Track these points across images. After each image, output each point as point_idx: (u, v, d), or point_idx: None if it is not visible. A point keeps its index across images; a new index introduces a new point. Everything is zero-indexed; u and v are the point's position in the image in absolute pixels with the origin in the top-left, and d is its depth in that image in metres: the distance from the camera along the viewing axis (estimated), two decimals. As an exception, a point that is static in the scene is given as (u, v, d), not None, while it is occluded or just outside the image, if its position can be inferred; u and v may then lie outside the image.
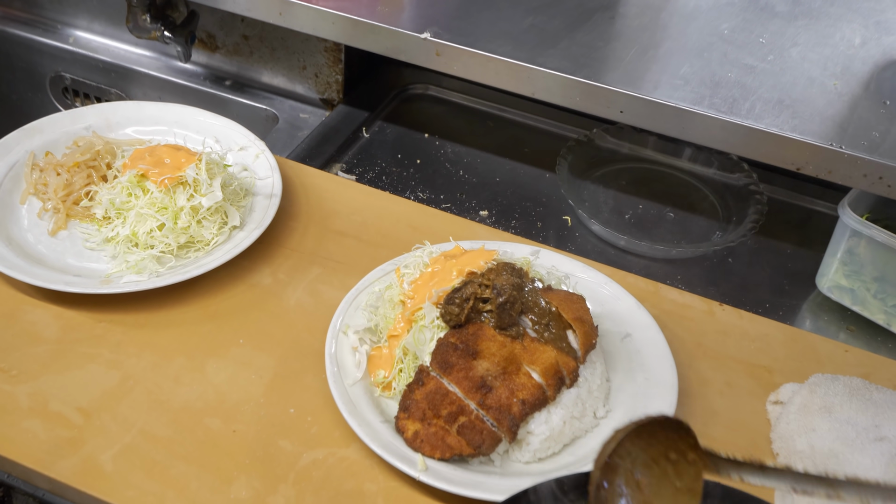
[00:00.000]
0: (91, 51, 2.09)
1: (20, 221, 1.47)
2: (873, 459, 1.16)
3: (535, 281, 1.31)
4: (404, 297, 1.30)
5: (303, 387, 1.29)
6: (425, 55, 1.56)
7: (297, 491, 1.16)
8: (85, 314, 1.36)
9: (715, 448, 1.23)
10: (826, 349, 1.42)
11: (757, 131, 1.42)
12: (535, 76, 1.50)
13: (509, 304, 1.24)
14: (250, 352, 1.33)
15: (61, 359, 1.29)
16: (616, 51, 1.56)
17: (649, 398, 1.26)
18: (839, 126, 1.43)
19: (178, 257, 1.41)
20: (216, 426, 1.23)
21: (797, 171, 1.43)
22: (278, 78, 1.97)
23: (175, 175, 1.40)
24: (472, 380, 1.20)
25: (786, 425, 1.26)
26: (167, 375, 1.29)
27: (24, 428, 1.20)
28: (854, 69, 1.55)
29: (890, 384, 1.34)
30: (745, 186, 1.72)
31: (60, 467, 1.17)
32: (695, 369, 1.37)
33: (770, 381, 1.36)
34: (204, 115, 1.64)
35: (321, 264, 1.47)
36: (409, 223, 1.56)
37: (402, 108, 1.95)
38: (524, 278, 1.29)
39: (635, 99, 1.46)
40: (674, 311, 1.45)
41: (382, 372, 1.27)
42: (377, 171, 1.77)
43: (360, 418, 1.20)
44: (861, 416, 1.24)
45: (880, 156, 1.37)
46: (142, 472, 1.17)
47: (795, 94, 1.49)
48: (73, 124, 1.61)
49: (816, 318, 1.57)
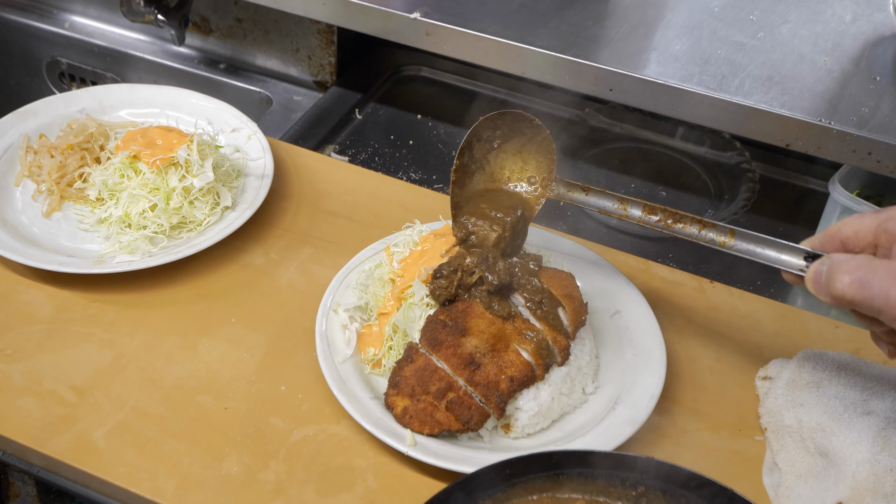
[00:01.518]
0: (87, 35, 2.10)
1: (14, 203, 1.48)
2: (860, 433, 1.17)
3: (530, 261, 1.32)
4: (394, 275, 1.31)
5: (294, 364, 1.30)
6: (415, 35, 1.56)
7: (287, 466, 1.17)
8: (78, 294, 1.37)
9: (705, 425, 1.25)
10: (816, 325, 1.43)
11: (746, 108, 1.42)
12: (524, 55, 1.51)
13: (504, 288, 1.25)
14: (242, 330, 1.34)
15: (55, 338, 1.31)
16: (606, 29, 1.56)
17: (638, 374, 1.27)
18: (828, 102, 1.43)
19: (171, 238, 1.42)
20: (208, 403, 1.24)
21: (786, 147, 1.43)
22: (272, 60, 1.97)
23: (167, 156, 1.41)
24: (460, 356, 1.20)
25: (774, 400, 1.27)
26: (160, 354, 1.30)
27: (18, 406, 1.22)
28: (844, 45, 1.55)
29: (879, 359, 1.35)
30: (738, 165, 1.72)
31: (54, 444, 1.18)
32: (685, 345, 1.37)
33: (760, 357, 1.37)
34: (196, 97, 1.65)
35: (313, 244, 1.48)
36: (400, 203, 1.57)
37: (394, 89, 1.96)
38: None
39: (625, 77, 1.47)
40: (664, 288, 1.46)
41: (372, 349, 1.28)
42: (370, 153, 1.78)
43: (350, 395, 1.21)
44: (849, 391, 1.24)
45: (869, 131, 1.37)
46: (134, 448, 1.18)
47: (785, 71, 1.49)
48: (67, 107, 1.62)
49: (808, 295, 1.56)
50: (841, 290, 0.98)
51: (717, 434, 1.26)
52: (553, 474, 1.01)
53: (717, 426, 1.27)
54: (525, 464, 1.00)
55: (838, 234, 1.06)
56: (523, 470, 0.99)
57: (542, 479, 1.00)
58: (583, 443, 1.19)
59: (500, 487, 0.99)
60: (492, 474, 0.98)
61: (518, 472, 0.99)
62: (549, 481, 1.00)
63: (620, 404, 1.23)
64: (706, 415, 1.28)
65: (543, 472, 1.00)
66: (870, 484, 1.12)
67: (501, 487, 0.99)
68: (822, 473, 1.17)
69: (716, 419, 1.28)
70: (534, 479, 1.00)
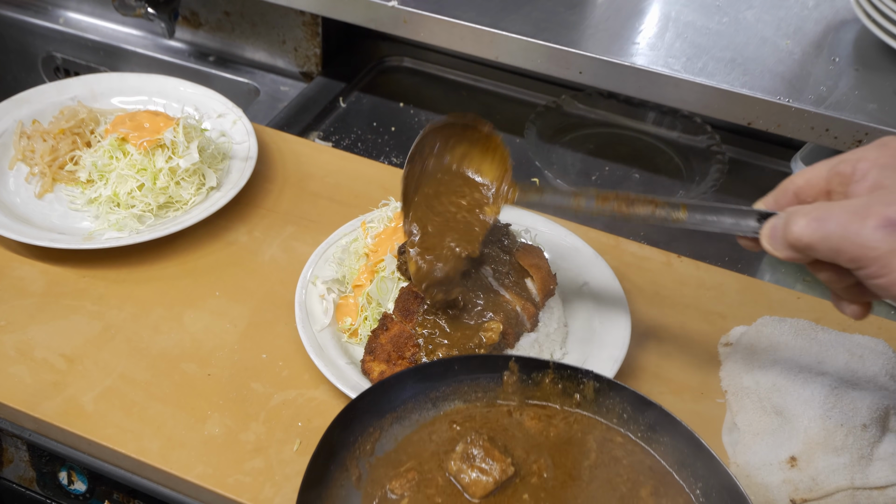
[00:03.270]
0: (81, 31, 2.16)
1: (8, 185, 1.55)
2: (813, 392, 1.22)
3: (503, 236, 1.37)
4: (368, 250, 1.37)
5: (275, 334, 1.36)
6: (393, 23, 1.63)
7: (267, 428, 1.23)
8: (69, 270, 1.43)
9: (668, 389, 1.30)
10: (779, 296, 1.48)
11: (709, 88, 1.48)
12: (497, 40, 1.57)
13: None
14: (226, 303, 1.40)
15: (47, 310, 1.37)
16: (576, 15, 1.62)
17: (603, 340, 1.33)
18: (788, 82, 1.49)
19: (158, 216, 1.48)
20: (192, 370, 1.30)
21: (748, 125, 1.49)
22: (259, 53, 2.04)
23: (154, 138, 1.47)
24: (433, 324, 1.26)
25: (733, 364, 1.32)
26: (146, 325, 1.36)
27: (10, 373, 1.28)
28: (806, 29, 1.61)
29: (839, 328, 1.40)
30: (708, 148, 1.78)
31: (45, 408, 1.24)
32: (651, 315, 1.43)
33: (723, 326, 1.42)
34: (184, 84, 1.72)
35: (295, 223, 1.54)
36: (380, 184, 1.63)
37: (378, 79, 2.02)
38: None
39: (593, 60, 1.53)
40: (633, 262, 1.52)
41: (349, 319, 1.34)
42: (353, 139, 1.84)
43: (327, 361, 1.27)
44: (804, 354, 1.30)
45: (826, 108, 1.43)
46: (121, 411, 1.24)
47: (748, 53, 1.55)
48: (60, 95, 1.68)
49: (775, 270, 1.63)
50: (797, 233, 0.94)
51: (680, 397, 1.31)
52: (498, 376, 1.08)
53: (679, 390, 1.32)
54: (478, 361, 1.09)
55: (790, 187, 1.04)
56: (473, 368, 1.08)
57: (488, 381, 1.08)
58: (549, 403, 1.24)
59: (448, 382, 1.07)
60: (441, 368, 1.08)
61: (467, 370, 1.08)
62: (493, 383, 1.08)
63: (586, 367, 1.29)
64: (670, 379, 1.33)
65: (490, 373, 1.08)
66: (821, 439, 1.18)
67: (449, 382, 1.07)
68: (777, 430, 1.22)
69: (679, 383, 1.33)
70: (480, 378, 1.08)
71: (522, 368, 1.08)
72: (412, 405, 1.05)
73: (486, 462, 1.01)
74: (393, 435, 1.04)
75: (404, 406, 1.05)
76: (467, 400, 1.08)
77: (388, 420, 1.04)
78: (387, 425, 1.04)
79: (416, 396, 1.05)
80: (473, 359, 1.10)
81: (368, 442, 1.03)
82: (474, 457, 1.01)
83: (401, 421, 1.05)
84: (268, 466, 1.18)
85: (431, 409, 1.07)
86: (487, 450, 1.01)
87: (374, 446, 1.04)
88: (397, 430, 1.05)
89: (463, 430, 1.04)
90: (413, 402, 1.05)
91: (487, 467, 1.00)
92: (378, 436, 1.03)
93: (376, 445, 1.04)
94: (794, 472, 1.17)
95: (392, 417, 1.04)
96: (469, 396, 1.08)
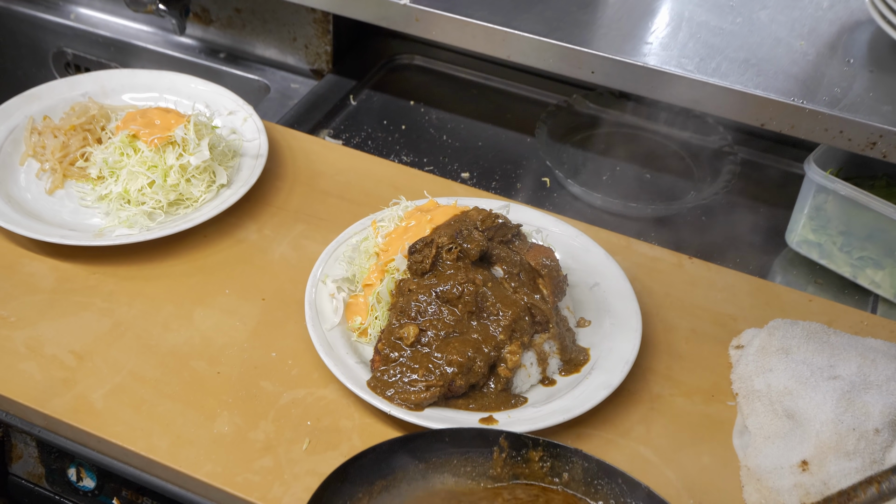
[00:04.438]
0: (92, 26, 2.16)
1: (19, 181, 1.55)
2: (825, 395, 1.21)
3: (513, 236, 1.36)
4: (378, 249, 1.37)
5: (284, 333, 1.35)
6: (405, 21, 1.62)
7: (276, 427, 1.23)
8: (79, 266, 1.43)
9: (678, 391, 1.29)
10: (790, 298, 1.47)
11: (722, 88, 1.47)
12: (509, 39, 1.56)
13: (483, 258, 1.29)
14: (235, 301, 1.40)
15: (57, 307, 1.37)
16: (588, 14, 1.61)
17: (614, 341, 1.32)
18: (802, 83, 1.48)
19: (168, 213, 1.48)
20: (201, 368, 1.30)
21: (761, 126, 1.48)
22: (270, 50, 2.03)
23: (165, 135, 1.47)
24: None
25: (745, 366, 1.32)
26: (156, 322, 1.36)
27: (21, 369, 1.28)
28: (821, 30, 1.60)
29: (851, 331, 1.40)
30: (720, 148, 1.77)
31: (54, 405, 1.24)
32: (662, 317, 1.42)
33: (734, 328, 1.41)
34: (195, 81, 1.71)
35: (305, 221, 1.54)
36: (391, 183, 1.62)
37: (389, 77, 2.02)
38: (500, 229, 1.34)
39: (605, 59, 1.52)
40: (644, 263, 1.51)
41: (359, 318, 1.34)
42: (363, 137, 1.84)
43: (337, 360, 1.27)
44: (817, 357, 1.29)
45: (840, 110, 1.42)
46: (130, 409, 1.24)
47: (761, 54, 1.54)
48: (71, 91, 1.68)
49: (786, 272, 1.62)
50: None
51: (691, 399, 1.31)
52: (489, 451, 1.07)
53: (690, 392, 1.32)
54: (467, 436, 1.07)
55: None
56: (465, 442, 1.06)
57: (477, 455, 1.06)
58: (560, 405, 1.24)
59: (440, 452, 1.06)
60: (431, 439, 1.05)
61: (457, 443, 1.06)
62: (482, 458, 1.07)
63: (596, 369, 1.28)
64: (680, 381, 1.33)
65: (480, 447, 1.06)
66: (833, 443, 1.17)
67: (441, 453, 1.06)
68: (789, 434, 1.21)
69: (689, 385, 1.32)
70: (470, 452, 1.06)
71: (512, 445, 1.06)
72: (402, 474, 1.04)
73: None
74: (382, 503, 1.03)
75: (394, 475, 1.03)
76: (457, 474, 1.06)
77: (377, 488, 1.02)
78: (375, 493, 1.02)
79: (406, 466, 1.04)
80: (464, 431, 1.09)
81: None
82: None
83: (389, 490, 1.03)
84: (277, 465, 1.18)
85: (421, 480, 1.05)
86: None
87: None
88: (385, 499, 1.03)
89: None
90: (402, 470, 1.04)
91: None
92: (367, 503, 1.02)
93: None
94: (805, 477, 1.16)
95: (381, 486, 1.02)
96: (459, 470, 1.06)
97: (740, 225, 1.69)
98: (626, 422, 1.26)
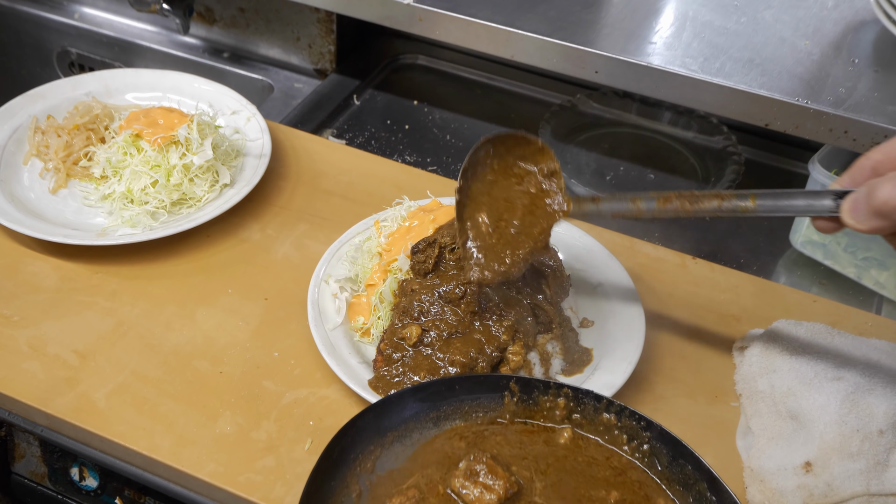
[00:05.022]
0: (96, 26, 2.17)
1: (22, 181, 1.55)
2: (829, 396, 1.21)
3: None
4: (381, 249, 1.37)
5: (287, 332, 1.35)
6: (408, 20, 1.62)
7: (278, 426, 1.23)
8: (82, 266, 1.43)
9: (682, 392, 1.29)
10: (795, 299, 1.47)
11: (726, 88, 1.47)
12: (513, 39, 1.56)
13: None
14: (238, 300, 1.40)
15: (59, 306, 1.37)
16: (592, 14, 1.61)
17: (617, 341, 1.32)
18: (807, 83, 1.48)
19: (171, 213, 1.48)
20: (204, 368, 1.30)
21: (766, 126, 1.47)
22: (274, 49, 2.03)
23: (168, 134, 1.47)
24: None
25: (748, 367, 1.31)
26: (159, 322, 1.36)
27: (23, 369, 1.28)
28: (825, 30, 1.60)
29: (855, 332, 1.39)
30: (724, 148, 1.77)
31: (57, 404, 1.24)
32: (665, 317, 1.42)
33: (738, 329, 1.41)
34: (198, 81, 1.71)
35: (308, 221, 1.54)
36: (394, 183, 1.62)
37: (392, 76, 2.02)
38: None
39: (609, 59, 1.52)
40: (647, 263, 1.51)
41: (361, 318, 1.33)
42: (366, 136, 1.84)
43: (339, 360, 1.27)
44: (821, 358, 1.28)
45: (845, 110, 1.42)
46: (133, 408, 1.24)
47: (766, 54, 1.53)
48: (74, 90, 1.68)
49: (791, 273, 1.62)
50: (884, 197, 0.93)
51: (694, 400, 1.30)
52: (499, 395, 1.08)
53: (693, 393, 1.31)
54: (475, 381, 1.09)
55: (867, 163, 1.01)
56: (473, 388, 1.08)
57: (489, 400, 1.08)
58: (562, 405, 1.23)
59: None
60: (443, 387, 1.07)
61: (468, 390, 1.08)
62: (494, 403, 1.08)
63: (599, 370, 1.28)
64: (683, 382, 1.32)
65: (491, 392, 1.07)
66: (836, 444, 1.16)
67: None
68: (793, 435, 1.21)
69: (693, 386, 1.32)
70: (481, 398, 1.07)
71: (523, 389, 1.07)
72: (413, 424, 1.05)
73: (490, 478, 1.00)
74: (394, 453, 1.04)
75: (405, 425, 1.04)
76: (468, 419, 1.07)
77: (388, 438, 1.03)
78: (388, 443, 1.03)
79: (418, 415, 1.05)
80: (475, 378, 1.09)
81: (369, 460, 1.02)
82: (478, 473, 1.00)
83: (402, 440, 1.04)
84: (279, 465, 1.18)
85: (433, 427, 1.06)
86: (491, 467, 1.00)
87: (374, 464, 1.03)
88: (398, 448, 1.04)
89: (466, 447, 1.03)
90: (414, 421, 1.05)
91: (491, 483, 1.00)
92: (379, 453, 1.03)
93: (377, 463, 1.03)
94: (809, 478, 1.16)
95: (393, 436, 1.04)
96: (470, 416, 1.07)
97: (744, 225, 1.69)
98: (629, 422, 1.26)
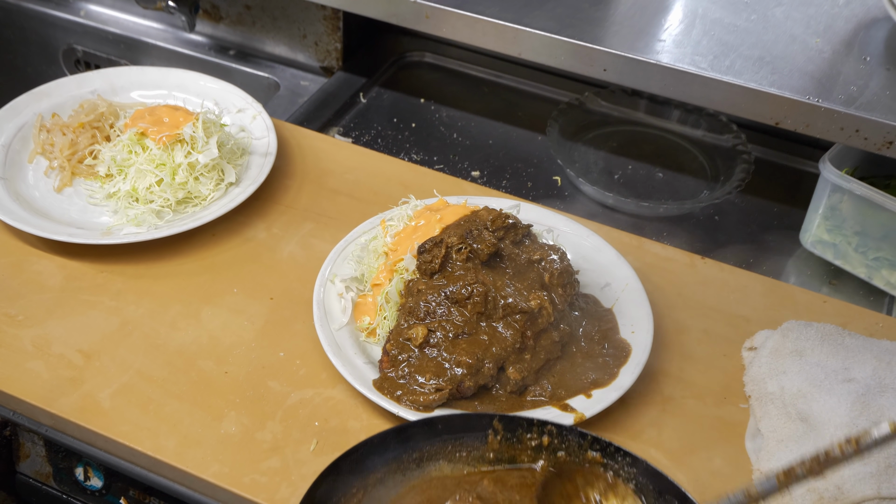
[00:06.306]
0: (102, 23, 2.16)
1: (27, 179, 1.54)
2: (839, 399, 1.20)
3: (524, 236, 1.35)
4: (387, 248, 1.36)
5: (292, 332, 1.34)
6: (415, 18, 1.61)
7: (284, 427, 1.22)
8: (87, 265, 1.42)
9: (690, 393, 1.28)
10: (805, 300, 1.45)
11: (736, 86, 1.45)
12: (521, 36, 1.55)
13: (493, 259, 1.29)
14: (243, 300, 1.39)
15: (64, 305, 1.36)
16: (601, 11, 1.60)
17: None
18: (818, 81, 1.46)
19: (177, 212, 1.47)
20: (209, 368, 1.29)
21: (776, 125, 1.46)
22: (280, 47, 2.02)
23: (173, 133, 1.46)
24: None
25: (758, 368, 1.30)
26: (164, 321, 1.35)
27: (28, 368, 1.27)
28: (837, 27, 1.58)
29: (866, 333, 1.38)
30: (733, 147, 1.75)
31: (62, 404, 1.23)
32: (674, 317, 1.41)
33: (747, 330, 1.39)
34: (204, 79, 1.71)
35: (314, 220, 1.53)
36: (400, 181, 1.61)
37: (399, 74, 2.00)
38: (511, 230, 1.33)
39: (618, 57, 1.50)
40: (656, 263, 1.49)
41: (367, 318, 1.33)
42: (373, 135, 1.82)
43: (345, 360, 1.26)
44: (831, 360, 1.27)
45: (856, 109, 1.40)
46: (137, 408, 1.23)
47: (776, 52, 1.51)
48: (79, 88, 1.67)
49: (800, 273, 1.60)
50: None
51: (703, 401, 1.29)
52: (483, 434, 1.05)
53: (702, 394, 1.30)
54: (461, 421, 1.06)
55: None
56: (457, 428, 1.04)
57: (472, 440, 1.05)
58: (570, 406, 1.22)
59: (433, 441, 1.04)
60: (425, 428, 1.03)
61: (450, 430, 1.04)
62: (477, 442, 1.05)
63: (607, 371, 1.27)
64: (692, 383, 1.31)
65: (476, 432, 1.04)
66: (847, 447, 1.15)
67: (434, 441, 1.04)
68: (802, 437, 1.20)
69: (702, 387, 1.31)
70: (464, 437, 1.04)
71: (507, 427, 1.04)
72: (396, 465, 1.02)
73: None
74: (377, 496, 1.01)
75: (387, 466, 1.02)
76: (452, 459, 1.04)
77: (371, 480, 1.01)
78: (370, 486, 1.01)
79: (400, 457, 1.02)
80: (457, 418, 1.07)
81: (352, 503, 1.00)
82: None
83: (385, 481, 1.02)
84: (284, 466, 1.17)
85: (416, 469, 1.03)
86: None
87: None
88: (381, 491, 1.01)
89: (452, 487, 1.01)
90: (397, 462, 1.02)
91: None
92: (362, 496, 1.00)
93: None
94: (818, 481, 1.14)
95: (376, 478, 1.01)
96: (454, 456, 1.04)
97: (754, 225, 1.67)
98: (637, 424, 1.25)
